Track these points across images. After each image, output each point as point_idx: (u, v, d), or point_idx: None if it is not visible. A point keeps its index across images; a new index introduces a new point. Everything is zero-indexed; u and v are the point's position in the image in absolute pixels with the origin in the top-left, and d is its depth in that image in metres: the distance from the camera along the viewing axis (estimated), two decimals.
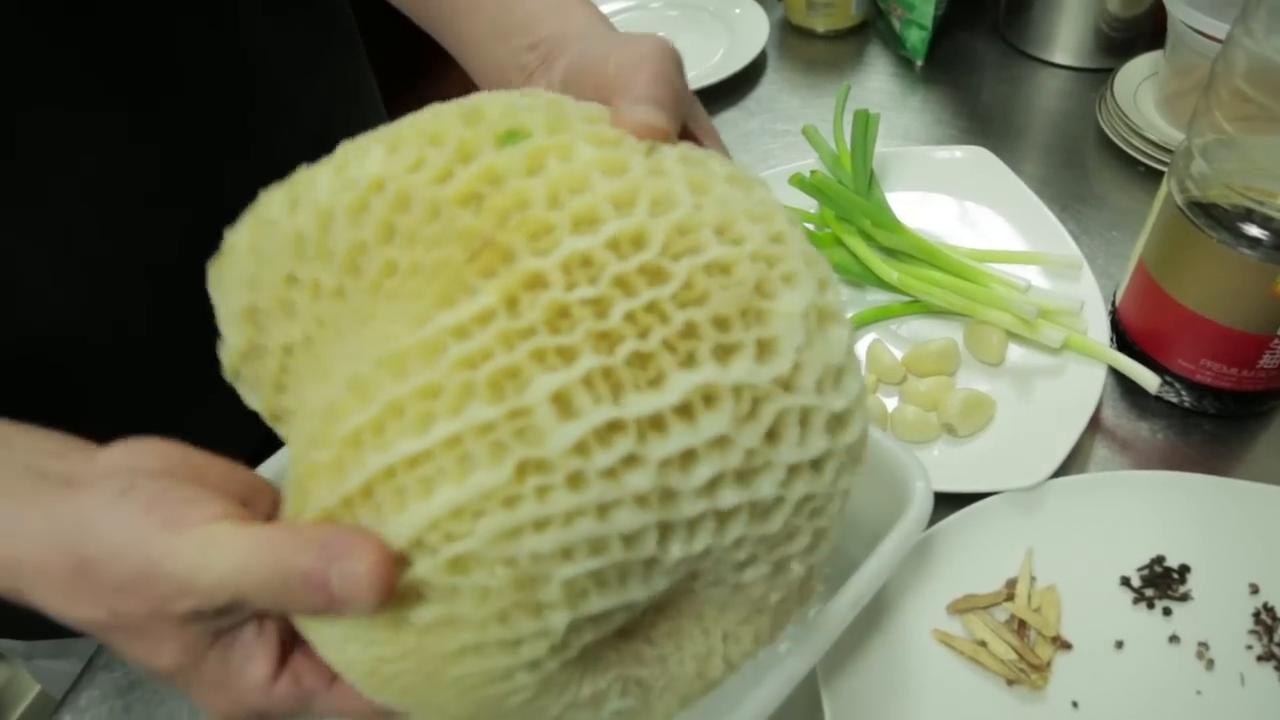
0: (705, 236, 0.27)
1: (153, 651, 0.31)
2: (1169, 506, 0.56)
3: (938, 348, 0.64)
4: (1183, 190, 0.55)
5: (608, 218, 0.27)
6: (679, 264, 0.27)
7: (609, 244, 0.27)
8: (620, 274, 0.26)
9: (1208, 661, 0.51)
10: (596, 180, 0.28)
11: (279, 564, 0.28)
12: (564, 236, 0.27)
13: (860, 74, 0.94)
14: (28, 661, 0.75)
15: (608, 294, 0.26)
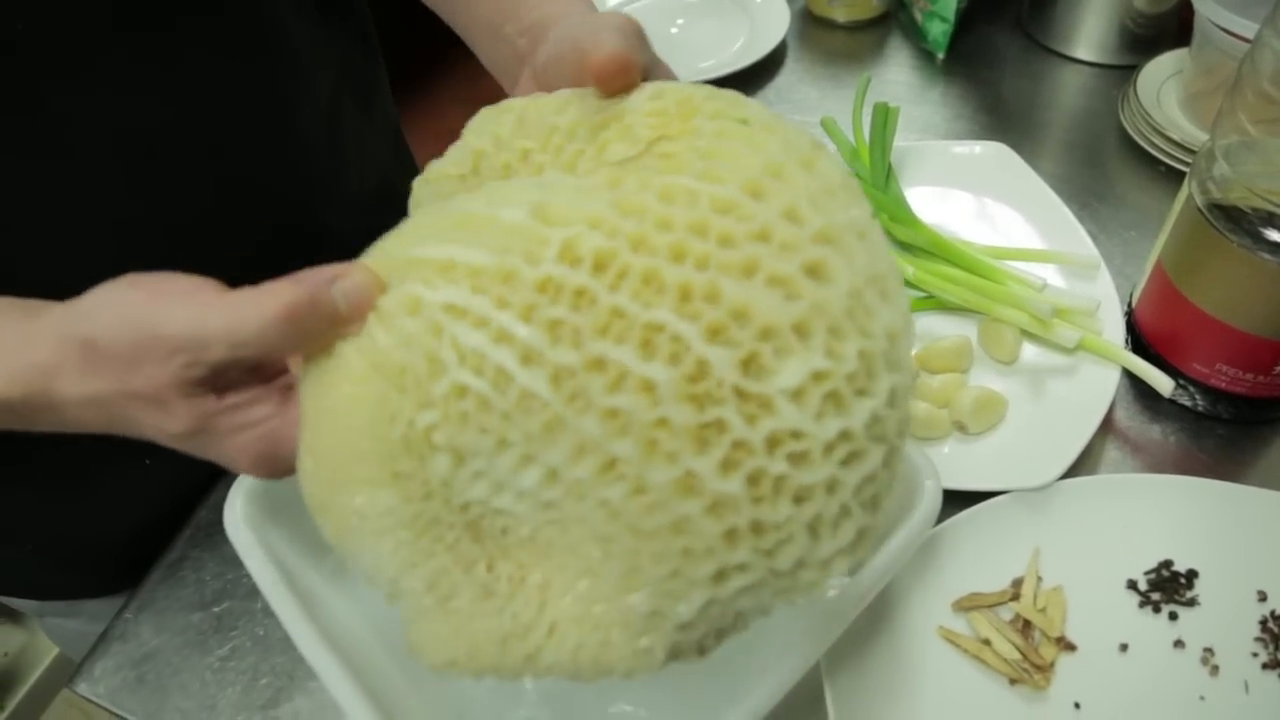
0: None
1: (167, 415, 0.34)
2: (1179, 510, 0.56)
3: (951, 344, 0.64)
4: (1204, 192, 0.55)
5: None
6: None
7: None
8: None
9: (1212, 667, 0.51)
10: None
11: (266, 308, 0.32)
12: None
13: (880, 66, 0.94)
14: (41, 619, 0.77)
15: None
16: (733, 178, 0.29)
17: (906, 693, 0.51)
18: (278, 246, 0.61)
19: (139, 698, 0.56)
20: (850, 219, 0.29)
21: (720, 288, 0.27)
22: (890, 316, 0.29)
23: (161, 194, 0.52)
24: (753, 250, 0.27)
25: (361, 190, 0.67)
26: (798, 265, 0.27)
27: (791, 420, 0.26)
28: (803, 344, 0.27)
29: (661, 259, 0.27)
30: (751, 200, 0.28)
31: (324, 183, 0.63)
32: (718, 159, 0.30)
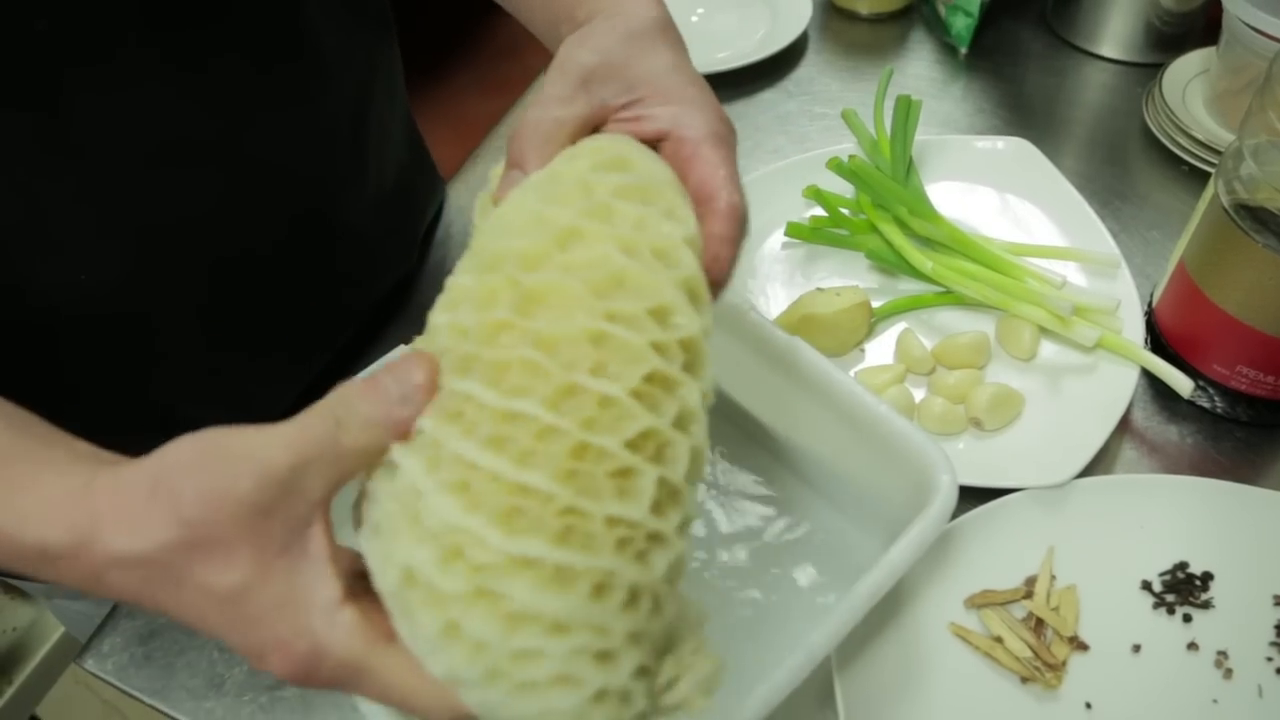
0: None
1: (222, 562, 0.30)
2: (1195, 512, 0.55)
3: (968, 340, 0.63)
4: (1230, 191, 0.54)
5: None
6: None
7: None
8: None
9: (1226, 671, 0.50)
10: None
11: (332, 404, 0.31)
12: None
13: (902, 59, 0.93)
14: (49, 600, 0.77)
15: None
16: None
17: (917, 689, 0.50)
18: (294, 239, 0.60)
19: (146, 674, 0.56)
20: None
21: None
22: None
23: (178, 193, 0.51)
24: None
25: (382, 184, 0.67)
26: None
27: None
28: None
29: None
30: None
31: (343, 182, 0.62)
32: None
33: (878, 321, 0.67)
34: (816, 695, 0.52)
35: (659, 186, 0.35)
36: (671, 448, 0.31)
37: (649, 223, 0.33)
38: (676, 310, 0.32)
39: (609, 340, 0.30)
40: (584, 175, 0.34)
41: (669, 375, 0.31)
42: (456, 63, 1.56)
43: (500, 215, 0.35)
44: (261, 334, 0.61)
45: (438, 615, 0.29)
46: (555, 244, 0.32)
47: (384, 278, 0.71)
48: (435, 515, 0.29)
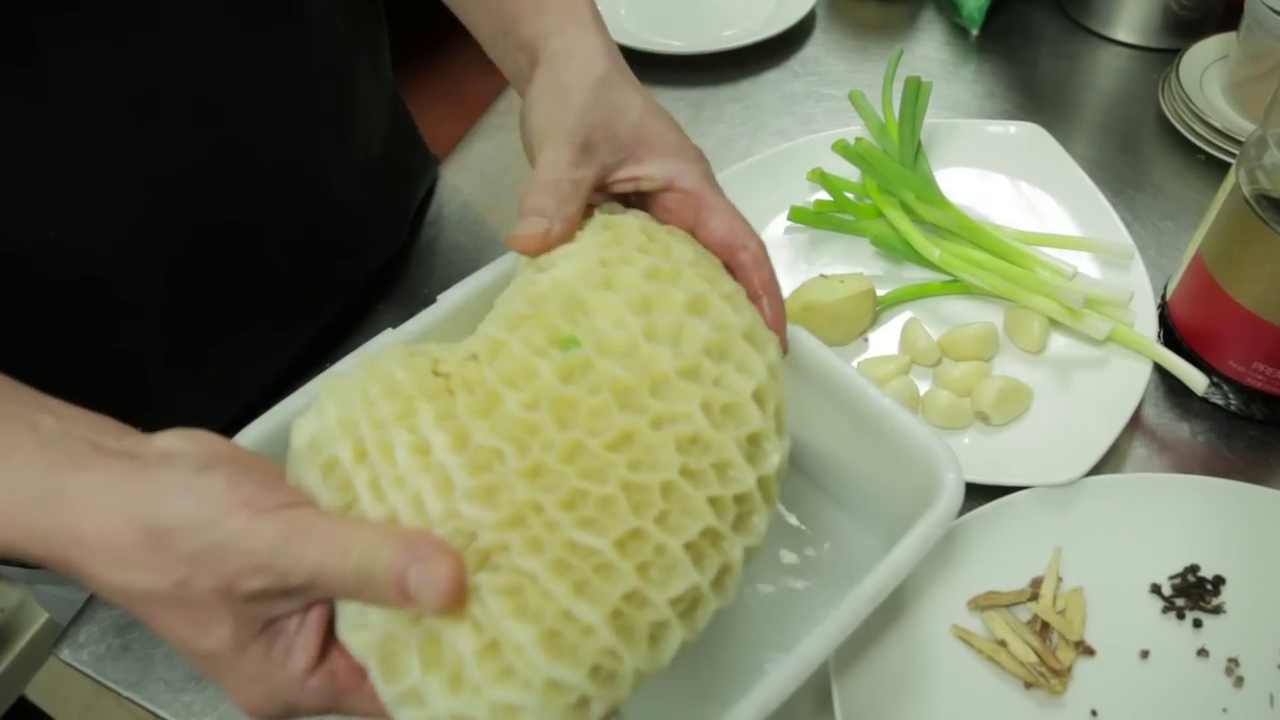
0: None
1: (201, 631, 0.31)
2: (1207, 514, 0.54)
3: (976, 331, 0.61)
4: (1252, 182, 0.52)
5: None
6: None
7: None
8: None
9: (1237, 679, 0.49)
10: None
11: (364, 554, 0.30)
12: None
13: (912, 40, 0.90)
14: (30, 587, 0.75)
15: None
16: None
17: (916, 693, 0.49)
18: (278, 208, 0.59)
19: (123, 666, 0.55)
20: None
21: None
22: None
23: (154, 150, 0.50)
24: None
25: (367, 159, 0.65)
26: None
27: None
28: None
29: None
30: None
31: (326, 149, 0.61)
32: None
33: (882, 310, 0.65)
34: (814, 699, 0.50)
35: (733, 340, 0.37)
36: (702, 607, 0.34)
37: (725, 380, 0.36)
38: (735, 466, 0.35)
39: (676, 493, 0.33)
40: (679, 321, 0.37)
41: (720, 532, 0.34)
42: (454, 42, 1.53)
43: (597, 311, 0.37)
44: (242, 301, 0.60)
45: (453, 700, 0.30)
46: (650, 388, 0.35)
47: (372, 250, 0.69)
48: (486, 610, 0.31)
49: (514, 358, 0.35)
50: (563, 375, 0.35)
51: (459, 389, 0.35)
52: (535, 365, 0.35)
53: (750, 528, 0.35)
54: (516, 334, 0.36)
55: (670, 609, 0.32)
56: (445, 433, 0.33)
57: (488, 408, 0.34)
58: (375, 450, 0.33)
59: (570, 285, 0.38)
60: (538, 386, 0.34)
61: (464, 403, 0.34)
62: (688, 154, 0.45)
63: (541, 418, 0.34)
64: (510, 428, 0.33)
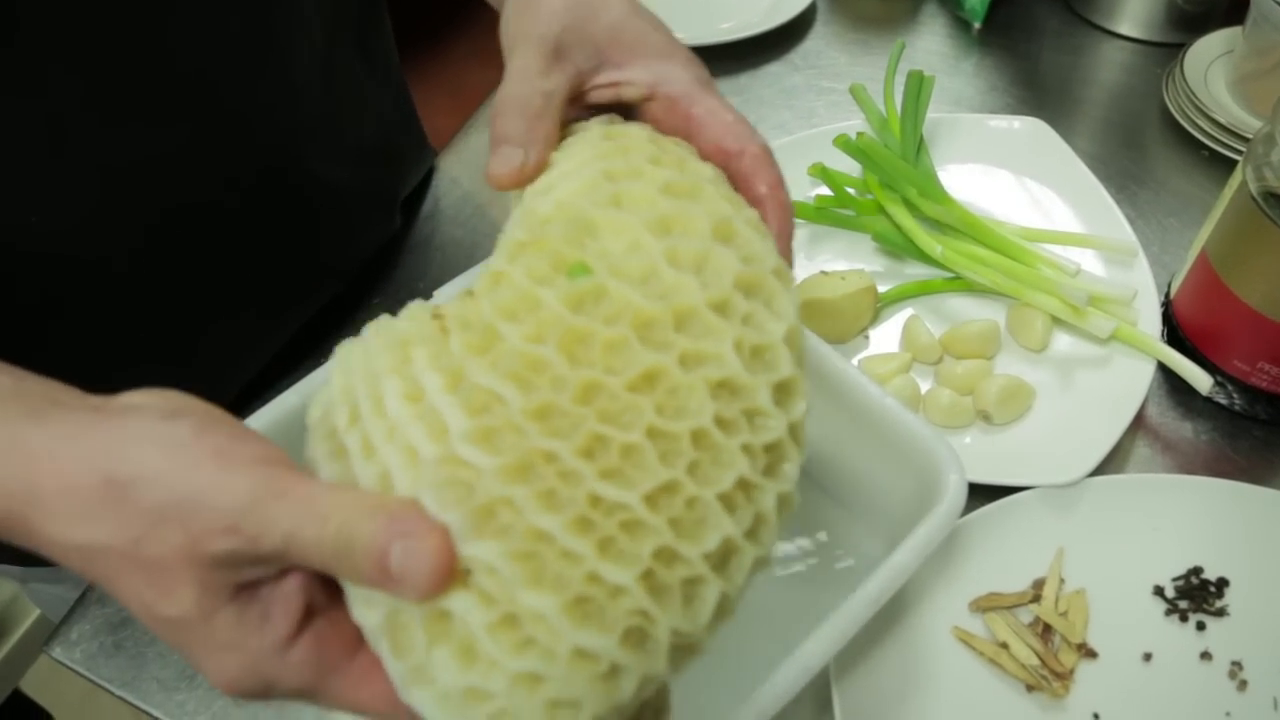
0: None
1: (165, 594, 0.28)
2: (1210, 515, 0.53)
3: (978, 329, 0.61)
4: (1259, 179, 0.51)
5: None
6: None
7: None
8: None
9: (1240, 682, 0.48)
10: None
11: (343, 525, 0.27)
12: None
13: (913, 33, 0.90)
14: (24, 585, 0.75)
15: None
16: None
17: (917, 696, 0.48)
18: (263, 190, 0.58)
19: (115, 664, 0.54)
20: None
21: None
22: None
23: (138, 133, 0.49)
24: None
25: (358, 140, 0.64)
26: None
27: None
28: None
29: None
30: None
31: (315, 128, 0.60)
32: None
33: (884, 307, 0.65)
34: (814, 700, 0.49)
35: (764, 275, 0.33)
36: (737, 558, 0.30)
37: (756, 319, 0.32)
38: (768, 414, 0.31)
39: (708, 440, 0.30)
40: (705, 249, 0.33)
41: (752, 482, 0.30)
42: (455, 31, 1.53)
43: (608, 232, 0.33)
44: (229, 286, 0.59)
45: (466, 674, 0.27)
46: (674, 321, 0.31)
47: (361, 238, 0.69)
48: (498, 579, 0.27)
49: (514, 288, 0.32)
50: (572, 304, 0.31)
51: (454, 328, 0.31)
52: (538, 295, 0.31)
53: (782, 474, 0.32)
54: (517, 264, 0.32)
55: (704, 564, 0.29)
56: (439, 373, 0.30)
57: (485, 344, 0.30)
58: (367, 406, 0.30)
59: (575, 205, 0.34)
60: (542, 318, 0.31)
61: (459, 341, 0.31)
62: (675, 55, 0.40)
63: (548, 352, 0.30)
64: (512, 364, 0.30)
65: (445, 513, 0.27)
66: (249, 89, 0.54)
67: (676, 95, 0.39)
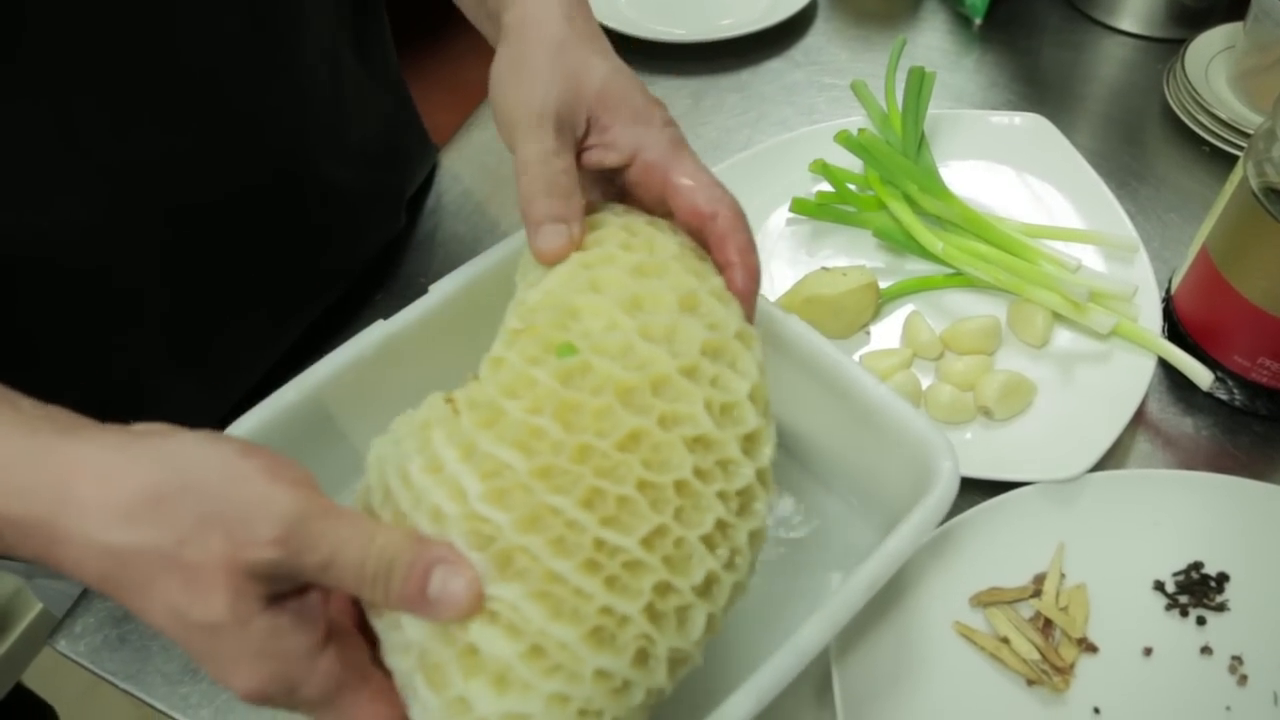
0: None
1: (200, 599, 0.29)
2: (1211, 510, 0.53)
3: (979, 325, 0.61)
4: (1260, 174, 0.51)
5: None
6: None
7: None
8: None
9: (1240, 676, 0.48)
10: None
11: (385, 546, 0.30)
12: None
13: (914, 29, 0.90)
14: (28, 580, 0.75)
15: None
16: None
17: (918, 690, 0.48)
18: (274, 192, 0.58)
19: (120, 658, 0.54)
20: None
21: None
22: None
23: (146, 135, 0.49)
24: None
25: (364, 142, 0.64)
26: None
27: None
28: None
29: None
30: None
31: (324, 131, 0.60)
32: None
33: (885, 303, 0.65)
34: (814, 695, 0.50)
35: (727, 339, 0.38)
36: (718, 586, 0.35)
37: (722, 380, 0.37)
38: (738, 463, 0.36)
39: (689, 490, 0.35)
40: (673, 321, 0.37)
41: (728, 522, 0.35)
42: (454, 29, 1.52)
43: (588, 315, 0.37)
44: (238, 289, 0.59)
45: (503, 700, 0.31)
46: (651, 388, 0.35)
47: (368, 235, 0.69)
48: (520, 615, 0.32)
49: (512, 370, 0.36)
50: (562, 379, 0.35)
51: (464, 409, 0.36)
52: (532, 374, 0.36)
53: (752, 513, 0.37)
54: (513, 349, 0.37)
55: (692, 594, 0.34)
56: (454, 447, 0.34)
57: (491, 419, 0.35)
58: (396, 483, 0.35)
59: (558, 294, 0.39)
60: (538, 393, 0.35)
61: (469, 419, 0.35)
62: (653, 117, 0.43)
63: (545, 422, 0.34)
64: (515, 434, 0.34)
65: (473, 554, 0.32)
66: (258, 91, 0.54)
67: (653, 161, 0.42)
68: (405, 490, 0.34)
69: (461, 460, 0.34)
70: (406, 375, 0.50)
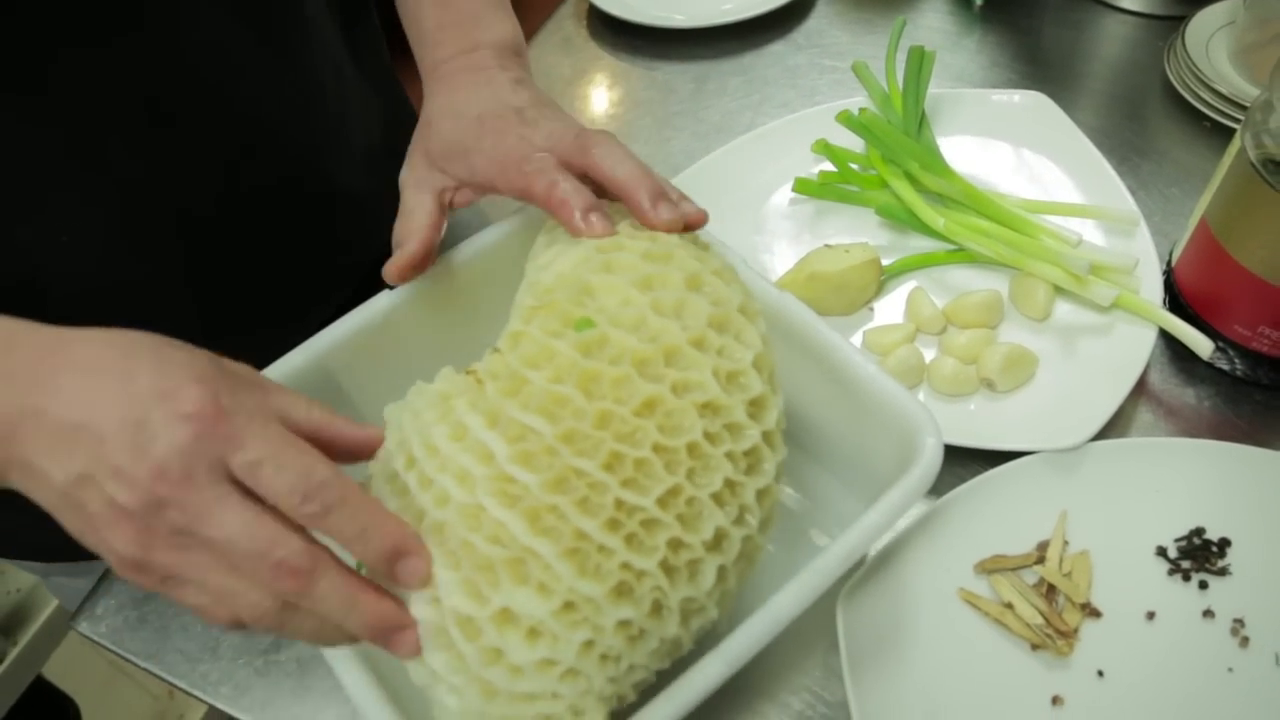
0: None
1: (188, 360, 0.34)
2: (1212, 477, 0.54)
3: (981, 299, 0.61)
4: (1258, 145, 0.52)
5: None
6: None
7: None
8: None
9: (1242, 639, 0.49)
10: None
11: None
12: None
13: (915, 10, 0.90)
14: (45, 579, 0.76)
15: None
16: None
17: (923, 657, 0.49)
18: (286, 199, 0.58)
19: (140, 638, 0.56)
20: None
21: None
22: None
23: (164, 148, 0.50)
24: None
25: (368, 144, 0.65)
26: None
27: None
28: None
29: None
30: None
31: (329, 135, 0.60)
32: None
33: (888, 279, 0.65)
34: (822, 661, 0.50)
35: (731, 313, 0.40)
36: (728, 540, 0.38)
37: (728, 350, 0.39)
38: (745, 426, 0.38)
39: (700, 451, 0.37)
40: (681, 298, 0.40)
41: (736, 481, 0.38)
42: None
43: (603, 292, 0.40)
44: (253, 296, 0.60)
45: (535, 650, 0.34)
46: (664, 358, 0.38)
47: (377, 236, 0.69)
48: (551, 573, 0.34)
49: (533, 342, 0.38)
50: (582, 350, 0.37)
51: (486, 379, 0.38)
52: (554, 346, 0.38)
53: (761, 472, 0.39)
54: (532, 324, 0.39)
55: (703, 548, 0.37)
56: (479, 415, 0.36)
57: (515, 388, 0.37)
58: (420, 451, 0.37)
59: (574, 274, 0.41)
60: (559, 364, 0.37)
61: (492, 389, 0.37)
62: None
63: (568, 390, 0.36)
64: (540, 401, 0.36)
65: (503, 511, 0.34)
66: (267, 102, 0.54)
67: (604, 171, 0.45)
68: (430, 457, 0.36)
69: (487, 426, 0.36)
70: (410, 342, 0.51)
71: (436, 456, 0.36)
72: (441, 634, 0.35)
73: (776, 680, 0.50)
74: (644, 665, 0.37)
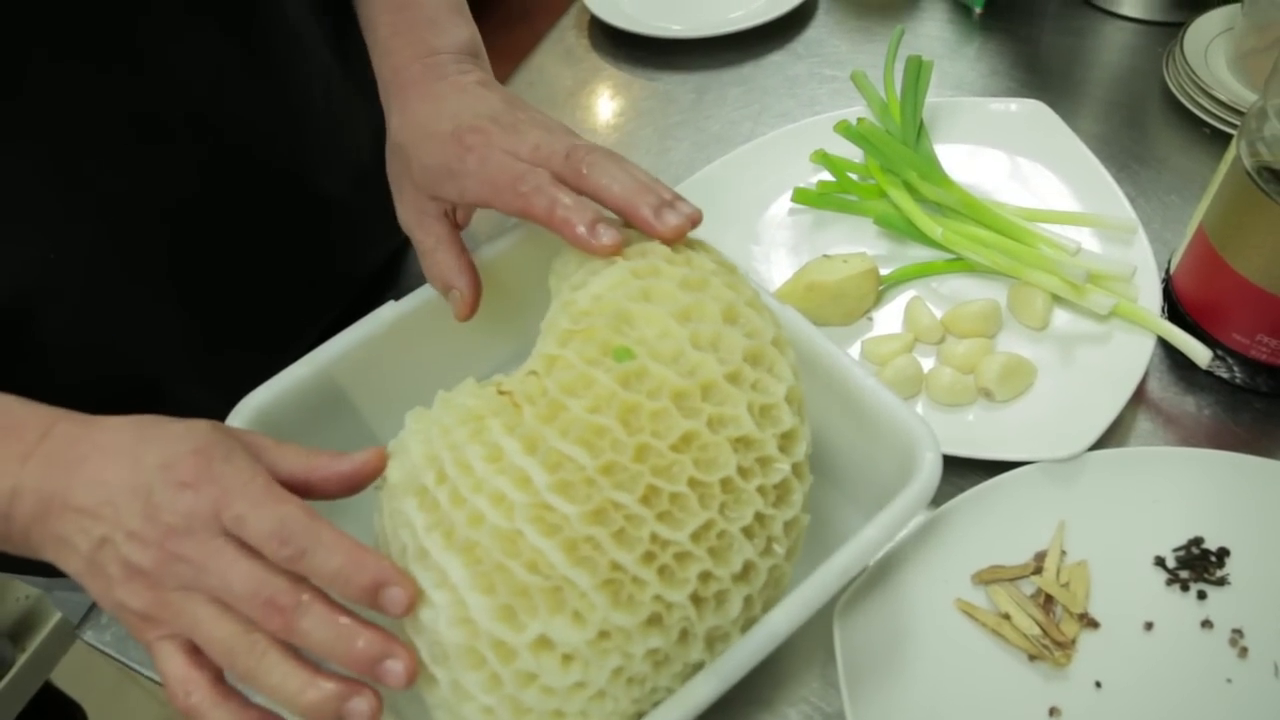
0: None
1: (177, 440, 0.37)
2: (1211, 486, 0.54)
3: (979, 308, 0.61)
4: (1253, 154, 0.52)
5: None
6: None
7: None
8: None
9: (1241, 649, 0.49)
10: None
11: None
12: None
13: (914, 19, 0.90)
14: (49, 593, 0.76)
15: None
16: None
17: (921, 666, 0.49)
18: (277, 216, 0.59)
19: None
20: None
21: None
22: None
23: (150, 168, 0.50)
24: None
25: (357, 154, 0.65)
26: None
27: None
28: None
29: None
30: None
31: (320, 148, 0.61)
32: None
33: (886, 289, 0.66)
34: (820, 672, 0.51)
35: (765, 346, 0.41)
36: (754, 571, 0.39)
37: (762, 384, 0.40)
38: (776, 460, 0.39)
39: (733, 486, 0.38)
40: (718, 330, 0.40)
41: (766, 514, 0.39)
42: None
43: (642, 322, 0.40)
44: (246, 310, 0.60)
45: (568, 674, 0.35)
46: (701, 392, 0.38)
47: (372, 246, 0.69)
48: (587, 603, 0.35)
49: (571, 369, 0.39)
50: (621, 382, 0.38)
51: (523, 402, 0.38)
52: (592, 375, 0.38)
53: (789, 503, 0.40)
54: (568, 348, 0.39)
55: (731, 581, 0.38)
56: (516, 439, 0.37)
57: (552, 414, 0.37)
58: (453, 468, 0.37)
59: (612, 299, 0.41)
60: (598, 393, 0.38)
61: (529, 413, 0.38)
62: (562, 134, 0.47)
63: (608, 421, 0.37)
64: (579, 431, 0.37)
65: (542, 540, 0.35)
66: (256, 115, 0.54)
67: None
68: (464, 475, 0.37)
69: (525, 452, 0.37)
70: (415, 353, 0.51)
71: (471, 475, 0.37)
72: (473, 654, 0.36)
73: (774, 691, 0.50)
74: (666, 687, 0.39)
